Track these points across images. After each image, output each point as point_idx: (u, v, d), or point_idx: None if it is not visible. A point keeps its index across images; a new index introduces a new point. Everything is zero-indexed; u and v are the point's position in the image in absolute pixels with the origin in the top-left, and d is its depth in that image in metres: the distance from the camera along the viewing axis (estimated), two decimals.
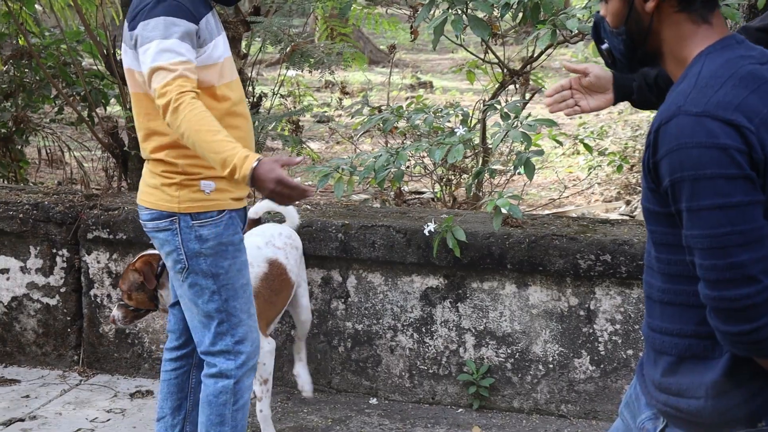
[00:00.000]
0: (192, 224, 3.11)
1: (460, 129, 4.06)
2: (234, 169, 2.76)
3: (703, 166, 1.72)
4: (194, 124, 2.80)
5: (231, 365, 3.21)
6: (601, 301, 4.10)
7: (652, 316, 1.93)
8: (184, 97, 2.83)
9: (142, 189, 3.21)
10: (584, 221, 4.36)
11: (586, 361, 4.16)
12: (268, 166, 2.75)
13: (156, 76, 2.87)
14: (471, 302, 4.27)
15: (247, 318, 3.23)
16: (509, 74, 4.82)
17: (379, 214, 4.52)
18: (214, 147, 2.78)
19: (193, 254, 3.12)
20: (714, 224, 1.73)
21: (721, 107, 1.74)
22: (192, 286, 3.16)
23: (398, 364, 4.39)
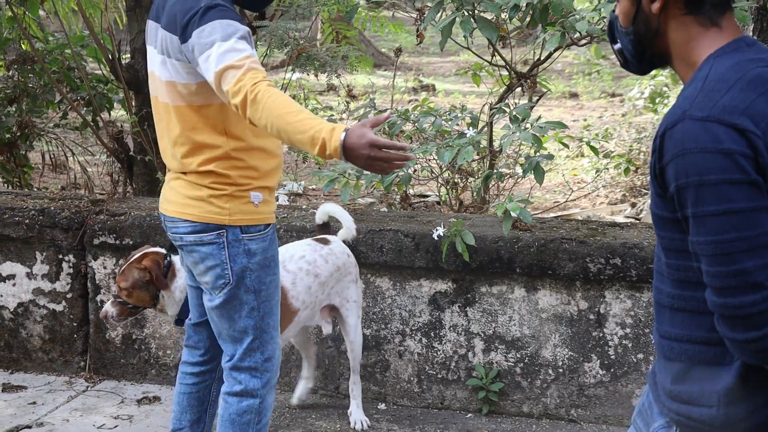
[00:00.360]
0: (241, 237, 3.02)
1: (470, 131, 4.05)
2: (324, 145, 2.62)
3: (708, 171, 1.71)
4: (274, 110, 2.67)
5: (257, 384, 3.14)
6: (611, 304, 4.09)
7: (662, 322, 1.92)
8: (259, 86, 2.71)
9: (178, 201, 3.07)
10: (593, 224, 4.35)
11: (596, 366, 4.14)
12: (358, 131, 2.61)
13: (225, 77, 2.76)
14: (480, 306, 4.25)
15: (276, 335, 3.18)
16: (516, 77, 4.80)
17: (387, 218, 4.51)
18: (298, 127, 2.65)
19: (240, 269, 3.03)
20: (719, 230, 1.71)
21: (727, 111, 1.72)
22: (230, 301, 3.07)
23: (407, 368, 4.37)
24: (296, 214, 4.61)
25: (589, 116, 11.07)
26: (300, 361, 4.41)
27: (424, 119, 4.39)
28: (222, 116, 2.99)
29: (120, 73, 5.37)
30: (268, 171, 3.09)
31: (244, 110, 2.73)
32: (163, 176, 5.02)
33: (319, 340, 4.43)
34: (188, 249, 3.08)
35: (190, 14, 2.85)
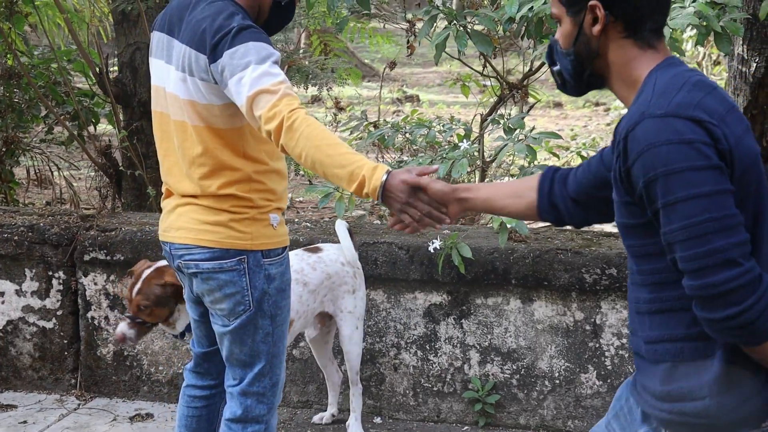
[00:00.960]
0: (262, 262, 2.94)
1: (464, 143, 4.05)
2: (363, 182, 2.56)
3: (673, 161, 1.81)
4: (313, 140, 2.59)
5: (263, 410, 3.07)
6: (607, 315, 4.10)
7: (643, 329, 2.00)
8: (297, 114, 2.62)
9: (193, 227, 2.93)
10: (588, 234, 4.36)
11: (592, 376, 4.15)
12: (402, 176, 2.55)
13: (258, 101, 2.65)
14: (475, 318, 4.25)
15: (283, 360, 3.12)
16: (508, 87, 4.82)
17: (381, 230, 4.50)
18: (338, 161, 2.58)
19: (259, 295, 2.95)
20: (689, 214, 1.81)
21: (683, 107, 1.85)
22: (246, 326, 2.98)
23: (402, 382, 4.36)
24: (288, 227, 4.58)
25: (575, 125, 11.12)
26: (294, 376, 4.40)
27: (417, 131, 4.38)
28: (241, 140, 2.90)
29: (108, 88, 5.35)
30: (282, 192, 3.03)
31: (278, 137, 2.64)
32: (153, 191, 4.99)
33: (313, 354, 4.41)
34: (204, 276, 2.95)
35: (221, 33, 2.74)
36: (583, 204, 2.28)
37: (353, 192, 2.59)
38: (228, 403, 3.13)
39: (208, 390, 3.34)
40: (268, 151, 2.94)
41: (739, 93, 4.74)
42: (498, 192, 2.42)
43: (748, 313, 1.80)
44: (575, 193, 2.28)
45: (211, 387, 3.33)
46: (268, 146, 2.93)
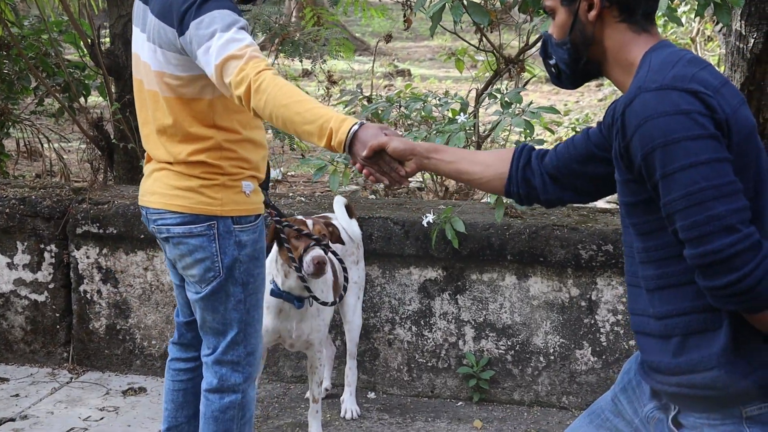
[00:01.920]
0: (233, 229, 2.97)
1: (461, 117, 4.02)
2: (330, 136, 2.53)
3: (671, 132, 1.84)
4: (280, 99, 2.58)
5: (239, 379, 3.09)
6: (602, 291, 4.10)
7: (654, 305, 2.01)
8: (263, 75, 2.62)
9: (165, 192, 2.98)
10: (584, 211, 4.35)
11: (587, 353, 4.15)
12: (373, 131, 2.50)
13: (226, 68, 2.68)
14: (470, 294, 4.24)
15: (259, 329, 3.13)
16: (504, 62, 4.79)
17: (376, 205, 4.48)
18: (307, 117, 2.56)
19: (230, 261, 2.98)
20: (688, 183, 1.83)
21: (678, 80, 1.88)
22: (216, 293, 3.01)
23: (396, 357, 4.36)
24: (282, 202, 4.56)
25: (567, 101, 11.10)
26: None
27: (413, 105, 4.36)
28: (211, 111, 2.93)
29: (100, 59, 5.29)
30: (258, 161, 3.05)
31: (248, 101, 2.65)
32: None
33: None
34: (175, 241, 3.00)
35: (187, 5, 2.76)
36: (561, 180, 2.28)
37: (325, 147, 2.55)
38: (204, 374, 3.16)
39: (193, 362, 3.36)
40: (242, 120, 2.96)
41: (736, 69, 4.72)
42: (465, 157, 2.39)
43: (749, 279, 1.82)
44: (554, 169, 2.28)
45: (195, 359, 3.35)
46: (241, 115, 2.96)
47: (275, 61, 5.60)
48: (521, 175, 2.32)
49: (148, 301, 4.56)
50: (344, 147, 2.51)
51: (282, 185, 7.03)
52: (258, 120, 3.04)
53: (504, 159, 2.35)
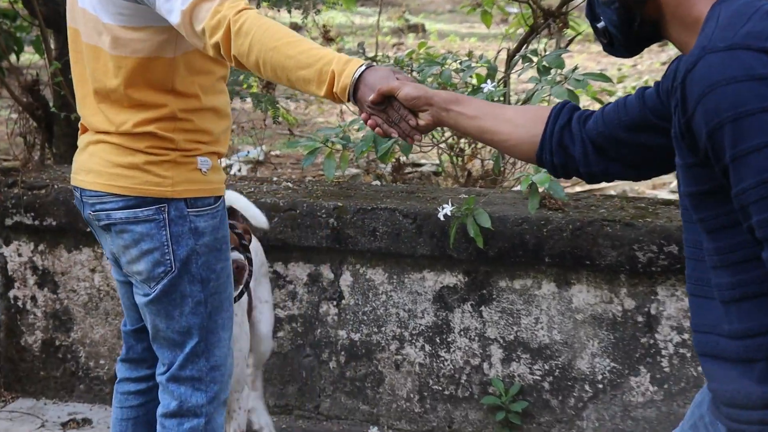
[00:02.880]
0: (186, 213, 3.00)
1: (488, 84, 4.03)
2: (332, 80, 2.56)
3: (743, 102, 1.82)
4: (268, 41, 2.60)
5: (201, 399, 3.12)
6: (664, 303, 4.11)
7: (730, 321, 1.99)
8: (245, 15, 2.63)
9: (104, 170, 3.02)
10: (642, 202, 4.36)
11: (645, 380, 4.17)
12: (383, 72, 2.55)
13: (197, 12, 2.69)
14: (498, 305, 4.26)
15: (227, 338, 3.16)
16: (542, 16, 4.79)
17: (381, 194, 4.50)
18: (302, 60, 2.58)
19: (184, 253, 3.01)
20: (764, 166, 1.82)
21: (752, 37, 1.86)
22: (168, 293, 3.04)
23: (405, 383, 4.38)
24: (265, 188, 4.58)
25: (622, 65, 11.10)
26: (273, 376, 4.41)
27: (428, 69, 4.36)
28: (171, 72, 2.96)
29: (36, 6, 5.30)
30: (219, 134, 3.09)
31: (227, 47, 2.66)
32: None
33: (293, 347, 4.42)
34: (117, 229, 3.03)
35: None
36: (606, 150, 2.29)
37: (326, 96, 2.58)
38: (160, 397, 3.18)
39: (145, 383, 3.40)
40: (204, 84, 3.00)
41: None
42: (492, 113, 2.40)
43: None
44: (599, 135, 2.29)
45: (147, 378, 3.39)
46: (204, 77, 3.00)
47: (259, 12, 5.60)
48: (557, 140, 2.34)
49: (96, 310, 4.58)
50: (348, 94, 2.54)
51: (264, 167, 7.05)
52: (223, 83, 3.08)
53: (539, 118, 2.37)
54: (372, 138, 4.12)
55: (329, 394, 4.43)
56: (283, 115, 5.56)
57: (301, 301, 4.41)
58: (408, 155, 4.35)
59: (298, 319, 4.41)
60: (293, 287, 4.40)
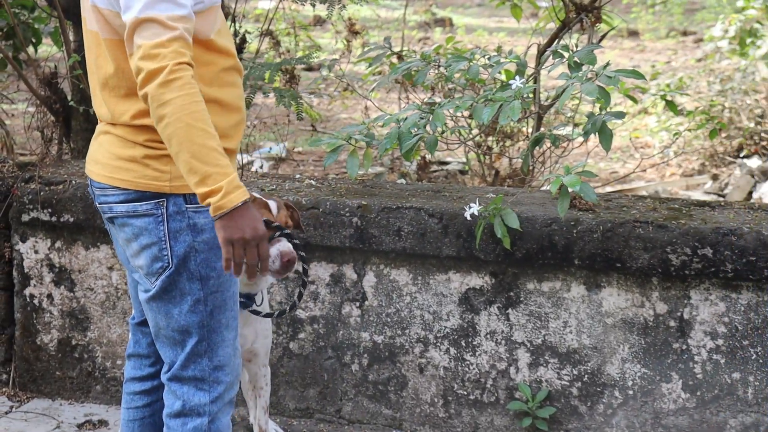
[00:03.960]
0: (185, 209, 3.04)
1: (517, 81, 4.03)
2: (216, 191, 2.81)
3: None
4: (187, 116, 2.79)
5: (204, 398, 3.15)
6: (698, 308, 4.10)
7: None
8: (183, 72, 2.80)
9: (107, 162, 3.10)
10: (675, 203, 4.34)
11: (677, 387, 4.16)
12: (257, 213, 2.89)
13: (145, 28, 2.81)
14: (526, 308, 4.25)
15: (232, 338, 3.19)
16: (575, 10, 4.78)
17: (406, 192, 4.50)
18: (203, 154, 2.81)
19: (182, 249, 3.05)
20: None
21: None
22: (168, 291, 3.09)
23: (429, 387, 4.38)
24: (287, 186, 4.59)
25: (655, 61, 11.07)
26: (288, 375, 4.42)
27: (455, 65, 4.36)
28: None
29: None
30: (226, 130, 3.10)
31: (148, 81, 2.79)
32: None
33: (315, 349, 4.43)
34: (120, 222, 3.11)
35: None
36: None
37: (199, 196, 2.83)
38: (165, 398, 3.22)
39: (149, 381, 3.44)
40: (206, 75, 3.03)
41: None
42: None
43: None
44: None
45: (151, 377, 3.45)
46: (208, 69, 3.04)
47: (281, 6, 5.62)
48: None
49: (113, 309, 4.61)
50: (218, 215, 2.81)
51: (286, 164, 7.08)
52: (233, 75, 3.13)
53: None
54: (396, 135, 4.13)
55: (351, 398, 4.44)
56: (307, 111, 5.58)
57: (323, 302, 4.42)
58: (434, 153, 4.36)
59: (320, 320, 4.42)
60: (315, 287, 4.41)
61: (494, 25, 13.61)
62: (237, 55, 3.23)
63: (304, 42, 7.77)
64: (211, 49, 3.04)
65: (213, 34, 3.05)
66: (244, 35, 5.44)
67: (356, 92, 6.26)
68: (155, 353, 3.40)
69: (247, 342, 3.77)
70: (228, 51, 3.10)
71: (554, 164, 5.46)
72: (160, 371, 3.38)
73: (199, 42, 2.99)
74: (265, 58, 5.81)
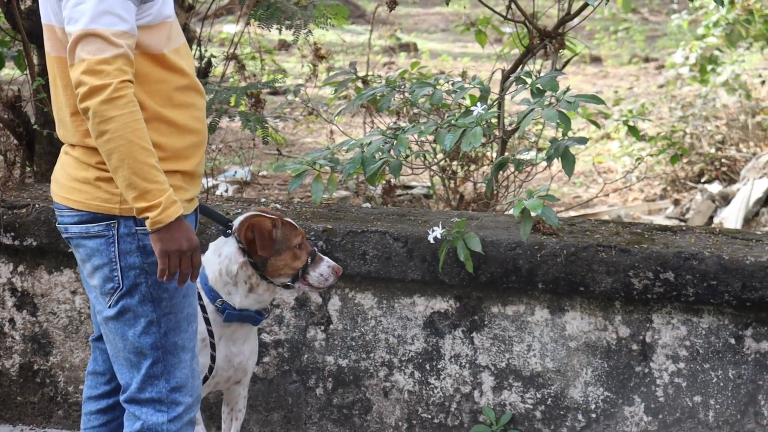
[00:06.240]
0: (135, 231, 3.07)
1: (478, 107, 4.05)
2: (155, 206, 2.91)
3: None
4: (129, 133, 2.87)
5: (162, 418, 3.15)
6: (660, 331, 4.12)
7: None
8: (127, 91, 2.86)
9: (63, 183, 3.14)
10: (638, 228, 4.38)
11: (639, 410, 4.18)
12: (189, 226, 3.01)
13: (89, 42, 2.86)
14: (490, 332, 4.27)
15: (189, 359, 3.21)
16: (539, 36, 4.82)
17: (371, 216, 4.51)
18: (144, 171, 2.89)
19: (131, 270, 3.08)
20: None
21: None
22: (122, 313, 3.12)
23: (394, 411, 4.38)
24: (253, 210, 4.58)
25: (617, 86, 11.16)
26: (272, 398, 4.41)
27: (420, 90, 4.38)
28: None
29: (18, 20, 5.31)
30: (179, 151, 3.11)
31: (90, 97, 2.84)
32: None
33: (279, 373, 4.42)
34: (74, 243, 3.16)
35: None
36: None
37: (137, 209, 2.94)
38: (125, 420, 3.23)
39: (106, 400, 3.45)
40: (156, 92, 3.06)
41: None
42: None
43: None
44: None
45: (108, 395, 3.45)
46: (152, 86, 3.06)
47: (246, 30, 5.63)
48: None
49: (76, 333, 4.58)
50: (155, 229, 2.93)
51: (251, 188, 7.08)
52: (190, 95, 3.14)
53: None
54: (360, 159, 4.14)
55: (315, 422, 4.43)
56: (272, 135, 5.58)
57: (288, 325, 4.41)
58: (398, 177, 4.36)
59: (284, 344, 4.42)
60: (280, 311, 4.41)
61: (459, 50, 13.68)
62: (202, 78, 3.25)
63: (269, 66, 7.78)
64: (165, 66, 3.05)
65: (166, 49, 3.05)
66: (209, 59, 5.45)
67: (321, 117, 6.28)
68: (110, 370, 3.39)
69: (244, 358, 3.78)
70: (182, 70, 3.10)
71: (518, 188, 5.48)
72: (116, 389, 3.39)
73: (151, 57, 3.02)
74: (230, 82, 5.80)
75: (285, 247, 3.60)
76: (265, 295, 3.66)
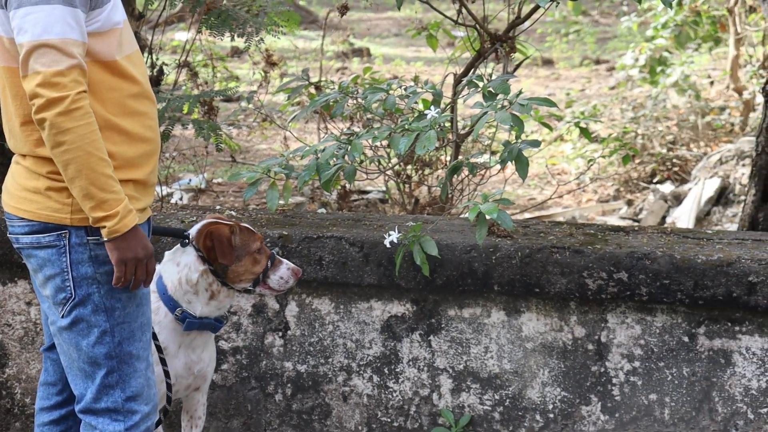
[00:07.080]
0: (86, 241, 3.08)
1: (432, 111, 4.07)
2: (113, 216, 2.95)
3: None
4: (88, 143, 2.90)
5: (118, 427, 3.16)
6: (614, 331, 4.16)
7: None
8: (84, 102, 2.89)
9: (14, 193, 3.15)
10: (591, 229, 4.41)
11: (596, 409, 4.21)
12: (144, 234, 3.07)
13: (43, 54, 2.87)
14: (447, 334, 4.28)
15: (144, 368, 3.21)
16: (490, 40, 4.85)
17: (327, 221, 4.52)
18: (101, 181, 2.93)
19: (83, 280, 3.09)
20: None
21: None
22: (75, 323, 3.12)
23: (353, 415, 4.39)
24: (209, 217, 4.57)
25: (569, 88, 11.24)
26: (231, 405, 4.40)
27: (373, 96, 4.40)
28: None
29: None
30: (132, 159, 3.12)
31: (46, 108, 2.86)
32: None
33: (238, 380, 4.42)
34: (25, 254, 3.16)
35: None
36: None
37: (93, 218, 2.97)
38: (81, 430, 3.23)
39: (58, 411, 3.45)
40: (114, 102, 3.06)
41: None
42: None
43: None
44: None
45: (60, 405, 3.44)
46: (104, 94, 3.06)
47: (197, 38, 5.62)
48: None
49: (32, 344, 4.55)
50: (111, 237, 2.98)
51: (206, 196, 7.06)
52: (142, 103, 3.14)
53: None
54: (315, 166, 4.15)
55: (275, 428, 4.43)
56: (226, 142, 5.58)
57: (245, 332, 4.41)
58: (353, 183, 4.38)
59: (242, 350, 4.41)
60: (237, 318, 4.41)
61: (411, 54, 13.72)
62: (154, 86, 3.26)
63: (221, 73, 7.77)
64: (117, 73, 3.05)
65: (118, 56, 3.05)
66: (161, 67, 5.44)
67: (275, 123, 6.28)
68: (63, 380, 3.39)
69: (204, 365, 3.79)
70: (135, 77, 3.10)
71: (473, 192, 5.52)
72: (68, 400, 3.38)
73: (103, 64, 3.02)
74: (183, 89, 5.80)
75: (245, 252, 3.62)
76: (225, 301, 3.68)
